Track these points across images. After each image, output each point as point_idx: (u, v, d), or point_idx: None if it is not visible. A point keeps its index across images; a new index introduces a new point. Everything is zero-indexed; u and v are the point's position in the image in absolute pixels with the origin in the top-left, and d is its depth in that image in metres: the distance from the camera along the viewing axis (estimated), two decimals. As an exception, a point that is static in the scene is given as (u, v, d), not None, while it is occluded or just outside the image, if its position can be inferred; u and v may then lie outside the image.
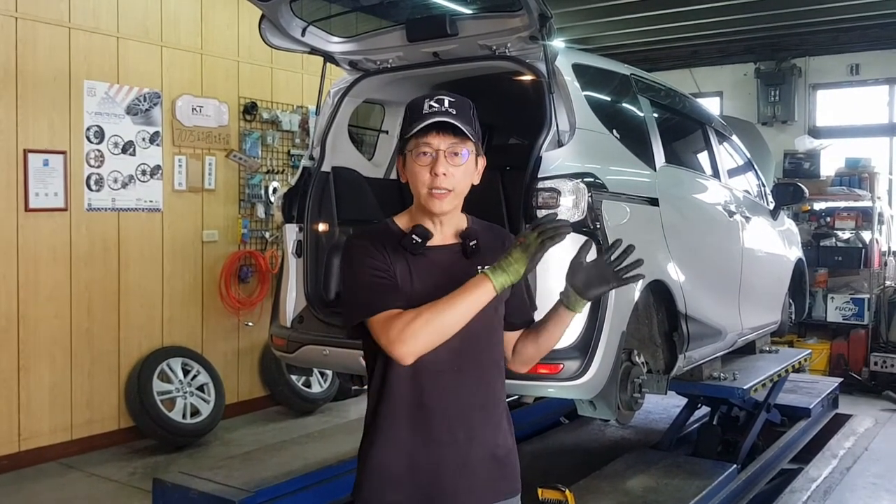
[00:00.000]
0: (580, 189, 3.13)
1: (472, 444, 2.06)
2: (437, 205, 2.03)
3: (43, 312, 5.64)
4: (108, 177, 5.98)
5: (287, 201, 3.88)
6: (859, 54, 8.82)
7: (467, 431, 2.05)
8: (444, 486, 2.04)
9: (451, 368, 2.04)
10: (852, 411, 6.57)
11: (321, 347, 3.56)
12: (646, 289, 3.48)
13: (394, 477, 2.06)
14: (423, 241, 2.06)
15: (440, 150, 2.00)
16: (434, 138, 2.00)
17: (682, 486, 4.01)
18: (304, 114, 7.34)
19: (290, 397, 7.02)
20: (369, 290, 2.02)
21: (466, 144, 2.03)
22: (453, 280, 2.00)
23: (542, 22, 3.13)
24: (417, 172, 2.03)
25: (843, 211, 8.54)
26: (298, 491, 3.87)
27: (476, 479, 2.06)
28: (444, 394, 2.04)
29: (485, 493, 2.08)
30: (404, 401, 2.05)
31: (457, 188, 2.03)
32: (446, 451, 2.04)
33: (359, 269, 2.04)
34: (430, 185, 2.01)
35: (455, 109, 2.00)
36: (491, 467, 2.09)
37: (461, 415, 2.05)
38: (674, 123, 4.59)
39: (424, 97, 2.04)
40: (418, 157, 2.02)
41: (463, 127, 1.99)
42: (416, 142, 2.02)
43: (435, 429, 2.04)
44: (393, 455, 2.06)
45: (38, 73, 5.56)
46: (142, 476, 5.42)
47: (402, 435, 2.06)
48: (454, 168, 2.01)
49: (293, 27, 3.64)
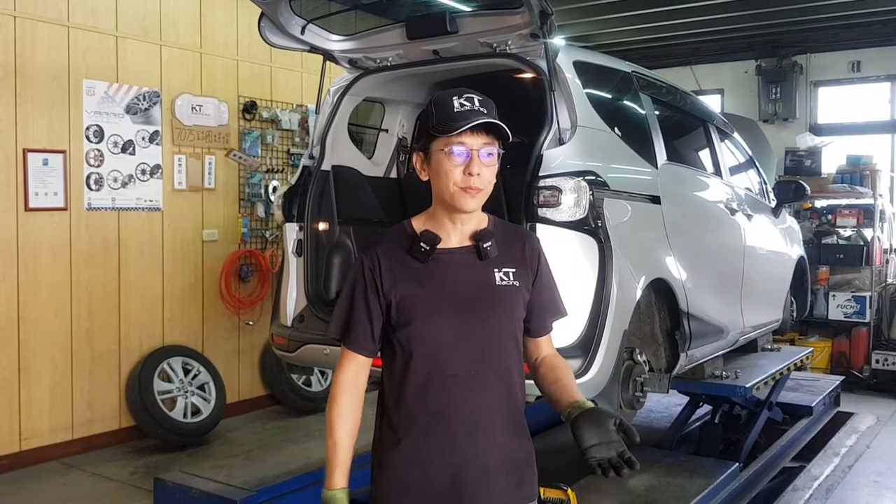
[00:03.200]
0: (582, 187, 3.12)
1: (491, 450, 2.02)
2: (468, 202, 1.98)
3: (43, 312, 5.63)
4: (107, 176, 5.97)
5: (287, 200, 3.87)
6: (861, 51, 8.80)
7: (486, 437, 2.02)
8: (463, 493, 2.01)
9: (467, 373, 2.01)
10: (854, 409, 6.57)
11: (322, 346, 3.55)
12: (647, 287, 3.47)
13: (411, 486, 2.03)
14: (430, 248, 2.03)
15: (474, 149, 1.96)
16: (469, 137, 1.95)
17: (684, 484, 4.00)
18: (303, 112, 7.33)
19: (290, 396, 7.01)
20: (347, 318, 2.08)
21: (496, 144, 2.00)
22: (464, 283, 1.98)
23: (542, 19, 3.12)
24: (450, 171, 1.96)
25: (845, 208, 8.52)
26: (300, 490, 3.85)
27: (495, 485, 2.03)
28: (459, 399, 2.01)
29: (504, 499, 2.05)
30: (421, 406, 2.02)
31: (487, 188, 2.00)
32: (464, 457, 2.01)
33: (352, 289, 2.09)
34: (462, 184, 1.96)
35: (485, 108, 1.97)
36: (510, 473, 2.05)
37: (478, 420, 2.02)
38: (675, 121, 4.58)
39: (451, 94, 1.99)
40: (450, 156, 1.96)
41: (500, 126, 1.96)
42: (446, 140, 1.96)
43: (451, 435, 2.01)
44: (410, 463, 2.03)
45: (37, 73, 5.55)
46: (143, 475, 5.41)
47: (417, 443, 2.02)
48: (486, 168, 1.98)
49: (292, 25, 3.63)
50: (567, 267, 2.97)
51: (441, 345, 2.01)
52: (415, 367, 2.02)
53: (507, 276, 2.05)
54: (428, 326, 2.01)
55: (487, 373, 2.03)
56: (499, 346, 2.05)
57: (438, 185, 2.01)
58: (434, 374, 2.00)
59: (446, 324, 2.01)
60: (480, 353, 2.02)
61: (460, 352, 2.00)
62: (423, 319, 2.02)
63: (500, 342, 2.05)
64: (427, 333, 2.01)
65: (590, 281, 3.11)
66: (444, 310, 2.01)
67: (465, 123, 1.92)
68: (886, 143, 9.00)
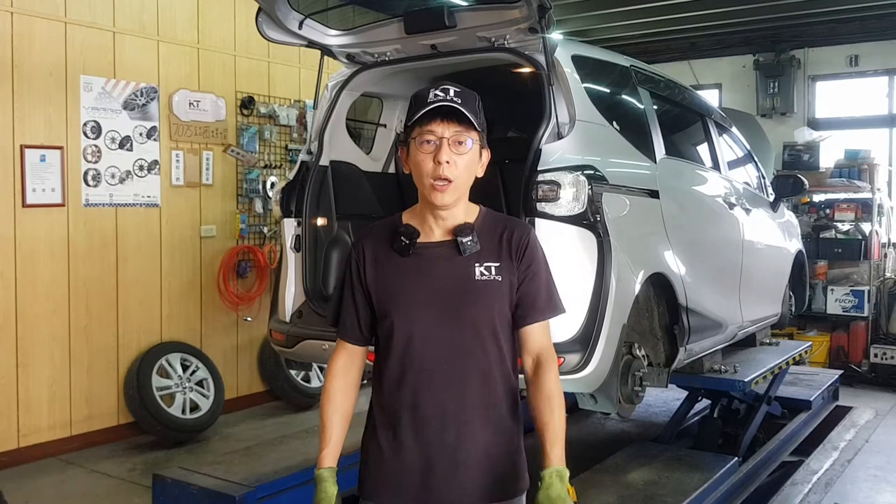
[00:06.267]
0: (580, 182, 3.12)
1: (464, 445, 2.02)
2: (438, 197, 1.99)
3: (41, 309, 5.62)
4: (105, 172, 5.96)
5: (285, 196, 3.86)
6: (858, 45, 8.80)
7: (460, 432, 2.02)
8: (436, 486, 2.02)
9: (441, 368, 2.01)
10: (853, 403, 6.57)
11: (320, 342, 3.55)
12: (646, 281, 3.47)
13: (387, 477, 2.06)
14: (409, 242, 2.03)
15: (444, 137, 1.96)
16: (438, 126, 1.96)
17: (683, 478, 4.00)
18: (301, 108, 7.31)
19: (289, 392, 7.01)
20: (338, 307, 2.17)
21: (471, 134, 1.99)
22: (442, 277, 1.99)
23: (540, 13, 3.11)
24: (420, 161, 1.98)
25: (843, 202, 8.53)
26: (298, 486, 3.85)
27: (469, 480, 2.02)
28: (433, 394, 2.02)
29: (481, 494, 2.04)
30: (397, 399, 2.05)
31: (458, 179, 1.98)
32: (436, 451, 2.02)
33: (341, 279, 2.17)
34: (432, 174, 1.97)
35: (460, 99, 1.97)
36: (486, 469, 2.04)
37: (454, 415, 2.02)
38: (674, 115, 4.57)
39: (429, 87, 2.00)
40: (422, 145, 1.98)
41: (468, 114, 1.96)
42: (419, 130, 1.98)
43: (425, 428, 2.02)
44: (386, 452, 2.06)
45: (34, 69, 5.53)
46: (141, 472, 5.41)
47: (395, 433, 2.05)
48: (458, 157, 1.97)
49: (290, 20, 3.61)
50: (566, 261, 2.97)
51: (416, 339, 2.02)
52: (392, 361, 2.05)
53: (488, 270, 2.03)
54: (405, 320, 2.02)
55: (464, 368, 2.02)
56: (477, 342, 2.03)
57: (416, 177, 2.03)
58: (409, 368, 2.02)
59: (423, 318, 2.02)
60: (457, 348, 2.02)
61: (435, 346, 2.01)
62: (399, 313, 2.04)
63: (479, 338, 2.03)
64: (403, 327, 2.03)
65: (588, 275, 3.11)
66: (421, 304, 2.02)
67: (426, 109, 1.95)
68: (884, 137, 8.98)
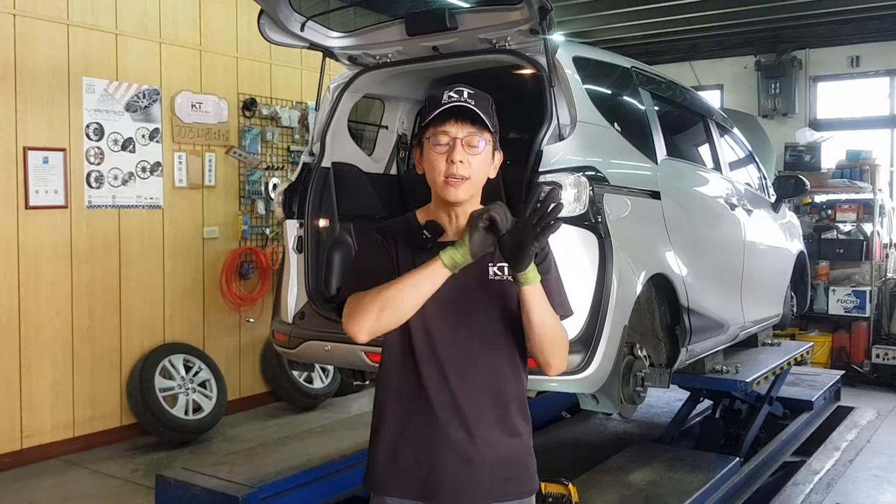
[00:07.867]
0: (582, 183, 3.12)
1: (477, 443, 2.03)
2: (452, 193, 2.01)
3: (44, 310, 5.64)
4: (108, 174, 5.97)
5: (287, 197, 3.87)
6: (860, 46, 8.81)
7: (471, 430, 2.02)
8: (446, 482, 2.03)
9: (453, 365, 2.03)
10: (854, 404, 6.57)
11: (323, 343, 3.55)
12: (648, 282, 3.47)
13: (395, 472, 2.06)
14: (432, 236, 2.06)
15: (457, 137, 2.00)
16: (452, 126, 2.00)
17: (685, 479, 4.01)
18: (303, 110, 7.32)
19: (291, 393, 7.02)
20: (354, 275, 2.13)
21: (483, 134, 2.02)
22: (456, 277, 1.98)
23: (542, 15, 3.12)
24: (434, 160, 2.02)
25: (845, 203, 8.54)
26: (301, 486, 3.87)
27: (480, 477, 2.03)
28: (444, 391, 2.03)
29: (491, 492, 2.05)
30: (407, 395, 2.05)
31: (473, 177, 2.02)
32: (447, 446, 2.02)
33: (358, 258, 2.15)
34: (446, 173, 2.00)
35: (474, 100, 2.01)
36: (496, 467, 2.05)
37: (463, 413, 2.02)
38: (675, 116, 4.58)
39: (444, 88, 2.04)
40: (435, 146, 2.01)
41: (481, 114, 1.99)
42: (433, 130, 2.02)
43: (435, 424, 2.03)
44: (395, 446, 2.06)
45: (36, 71, 5.55)
46: (144, 473, 5.42)
47: (404, 428, 2.06)
48: (471, 157, 2.01)
49: (292, 22, 3.62)
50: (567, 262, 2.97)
51: (428, 336, 2.04)
52: (403, 357, 2.06)
53: (501, 270, 2.05)
54: (417, 317, 2.01)
55: (475, 366, 2.04)
56: (488, 341, 2.05)
57: (429, 176, 2.05)
58: (420, 364, 2.03)
59: (435, 315, 2.02)
60: (469, 346, 2.03)
61: (448, 344, 2.02)
62: None
63: (491, 337, 2.06)
64: (415, 323, 2.03)
65: (590, 276, 3.11)
66: (433, 301, 2.01)
67: (439, 109, 1.98)
68: (886, 137, 9.00)
